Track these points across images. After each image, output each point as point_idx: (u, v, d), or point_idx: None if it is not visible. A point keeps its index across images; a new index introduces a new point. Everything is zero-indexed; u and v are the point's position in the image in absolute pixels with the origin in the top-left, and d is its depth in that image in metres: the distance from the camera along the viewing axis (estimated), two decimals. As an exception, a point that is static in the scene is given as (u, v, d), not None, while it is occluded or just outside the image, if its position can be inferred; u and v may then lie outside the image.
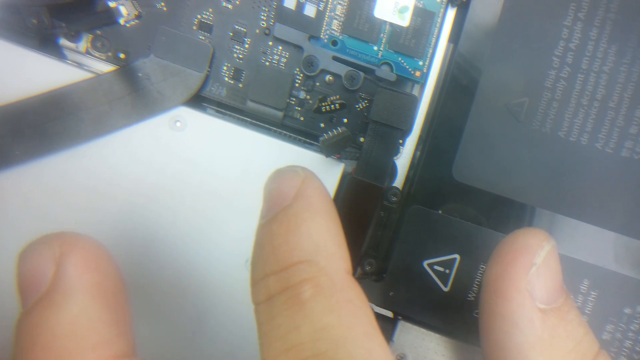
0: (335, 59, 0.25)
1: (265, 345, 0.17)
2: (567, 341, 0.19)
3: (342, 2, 0.24)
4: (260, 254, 0.17)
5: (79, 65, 0.24)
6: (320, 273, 0.17)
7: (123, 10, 0.24)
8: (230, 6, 0.24)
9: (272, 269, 0.17)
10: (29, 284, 0.16)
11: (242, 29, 0.24)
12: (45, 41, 0.24)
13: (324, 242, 0.17)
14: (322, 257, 0.17)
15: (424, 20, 0.24)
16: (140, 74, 0.23)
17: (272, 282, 0.17)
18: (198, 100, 0.25)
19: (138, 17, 0.24)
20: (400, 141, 0.25)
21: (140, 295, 0.24)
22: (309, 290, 0.16)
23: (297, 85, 0.25)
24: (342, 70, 0.25)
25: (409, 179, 0.25)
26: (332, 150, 0.23)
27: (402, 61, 0.25)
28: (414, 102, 0.23)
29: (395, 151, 0.24)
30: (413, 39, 0.24)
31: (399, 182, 0.25)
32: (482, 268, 0.24)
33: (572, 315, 0.19)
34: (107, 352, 0.16)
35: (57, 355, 0.15)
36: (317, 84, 0.25)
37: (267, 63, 0.25)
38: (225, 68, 0.25)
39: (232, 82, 0.25)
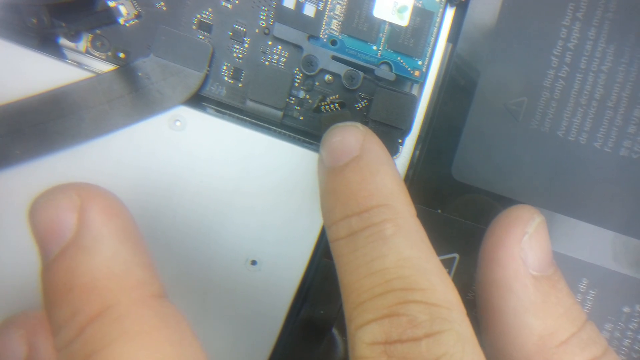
0: (334, 58, 0.25)
1: (347, 272, 0.19)
2: (557, 307, 0.20)
3: (341, 2, 0.24)
4: (338, 198, 0.20)
5: (79, 65, 0.24)
6: (398, 215, 0.19)
7: (123, 9, 0.24)
8: (229, 6, 0.24)
9: (353, 211, 0.19)
10: (50, 233, 0.16)
11: (242, 28, 0.25)
12: (45, 41, 0.24)
13: (397, 189, 0.20)
14: (397, 202, 0.19)
15: (423, 19, 0.24)
16: (140, 74, 0.23)
17: (354, 221, 0.19)
18: (198, 100, 0.25)
19: (138, 16, 0.24)
20: (400, 140, 0.25)
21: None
22: (391, 228, 0.18)
23: (296, 84, 0.25)
24: (341, 69, 0.25)
25: (408, 179, 0.25)
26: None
27: (401, 61, 0.25)
28: (413, 101, 0.23)
29: (395, 150, 0.24)
30: (412, 39, 0.24)
31: (398, 181, 0.25)
32: (481, 267, 0.24)
33: (562, 285, 0.21)
34: (147, 291, 0.16)
35: (99, 295, 0.15)
36: (317, 83, 0.25)
37: (267, 63, 0.25)
38: (224, 67, 0.25)
39: (231, 81, 0.25)
